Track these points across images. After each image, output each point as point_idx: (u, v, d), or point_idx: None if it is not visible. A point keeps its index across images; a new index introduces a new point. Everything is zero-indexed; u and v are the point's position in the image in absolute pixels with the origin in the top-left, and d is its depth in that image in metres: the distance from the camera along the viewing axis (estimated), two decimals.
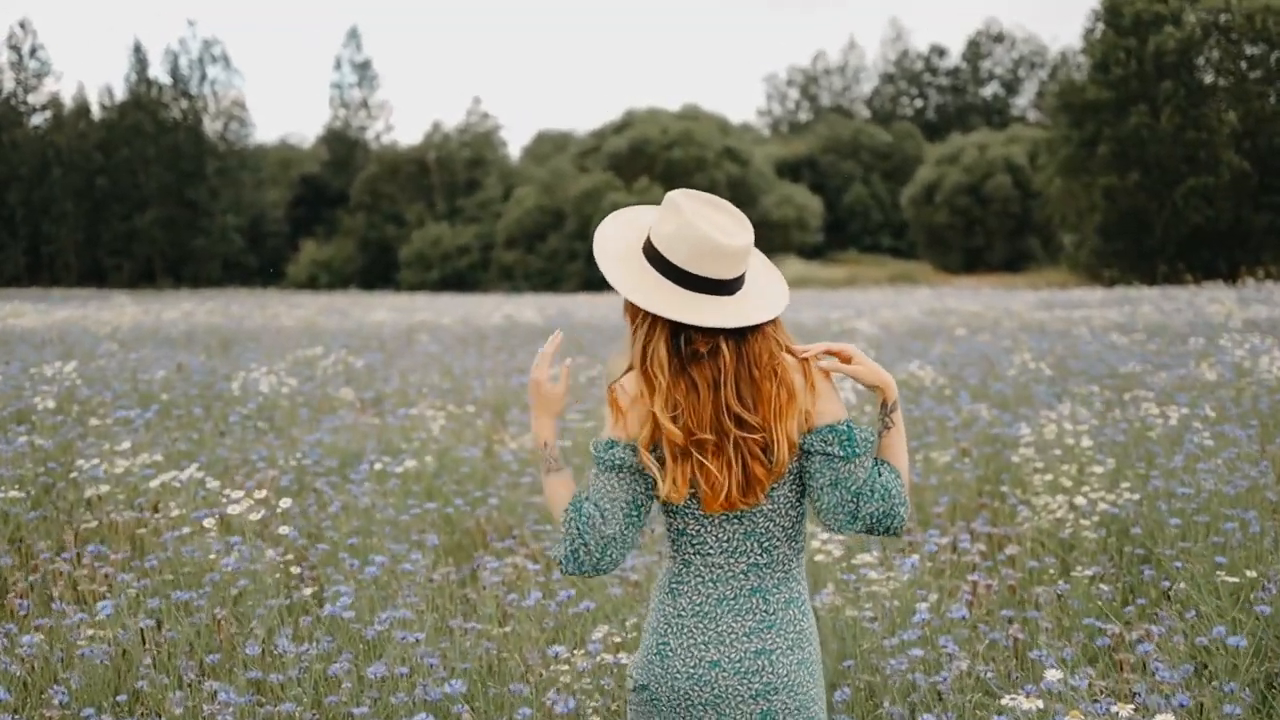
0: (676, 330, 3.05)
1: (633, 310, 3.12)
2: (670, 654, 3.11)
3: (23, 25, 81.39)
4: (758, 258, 3.21)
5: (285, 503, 5.80)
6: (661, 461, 3.05)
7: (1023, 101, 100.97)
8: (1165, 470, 7.77)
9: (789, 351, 3.10)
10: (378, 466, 7.95)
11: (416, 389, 12.99)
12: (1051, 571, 6.44)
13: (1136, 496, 7.31)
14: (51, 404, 9.85)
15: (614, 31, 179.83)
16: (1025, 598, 6.25)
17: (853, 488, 3.04)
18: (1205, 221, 53.77)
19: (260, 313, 28.70)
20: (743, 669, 3.08)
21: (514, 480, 8.68)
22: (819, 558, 5.82)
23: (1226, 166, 53.60)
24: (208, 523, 5.66)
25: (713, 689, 3.08)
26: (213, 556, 5.82)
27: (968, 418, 10.24)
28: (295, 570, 6.18)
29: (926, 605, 5.46)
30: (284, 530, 5.85)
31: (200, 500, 7.10)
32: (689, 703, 3.09)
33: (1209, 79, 56.29)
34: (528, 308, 30.57)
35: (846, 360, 3.13)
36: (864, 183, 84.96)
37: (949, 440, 9.21)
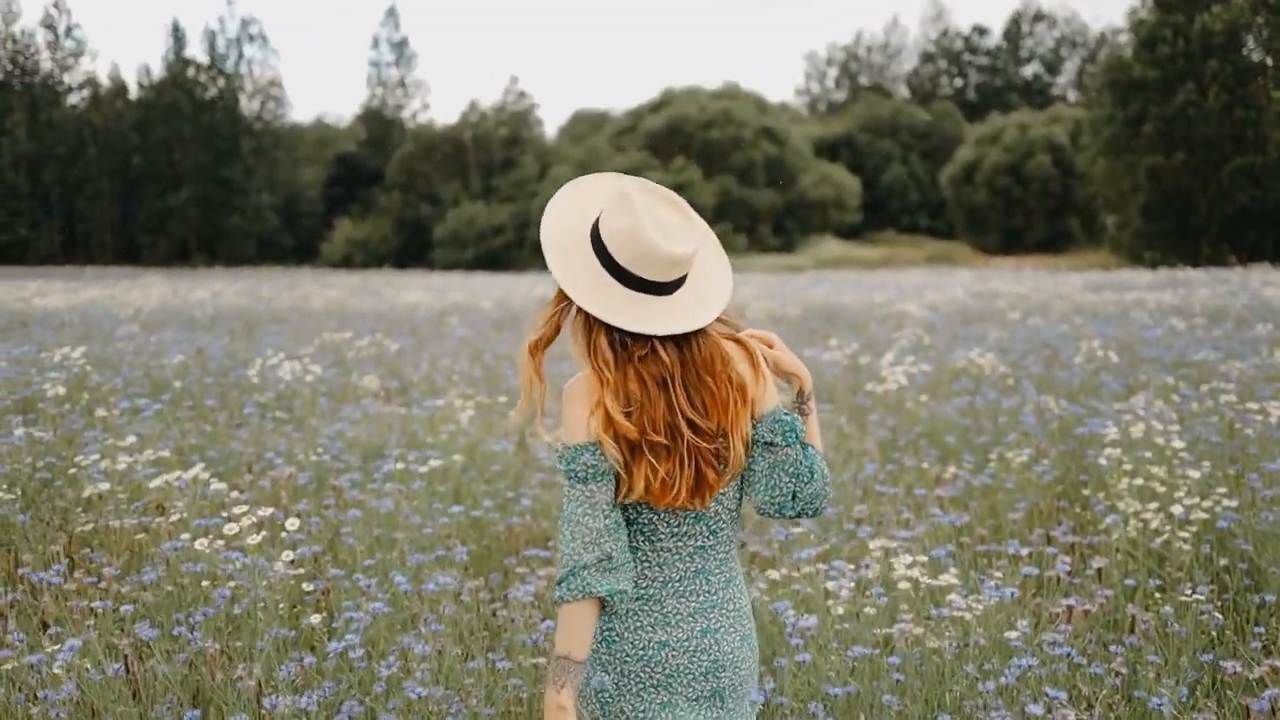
0: (614, 328, 2.97)
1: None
2: (617, 639, 3.07)
3: (58, 5, 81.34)
4: (709, 243, 3.16)
5: (293, 524, 5.11)
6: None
7: (1064, 81, 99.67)
8: (1267, 476, 7.03)
9: (734, 339, 3.09)
10: (400, 466, 7.27)
11: (445, 376, 12.28)
12: (1151, 591, 5.76)
13: (1235, 503, 6.59)
14: (61, 391, 9.25)
15: (652, 9, 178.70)
16: (1120, 619, 5.58)
17: (792, 471, 3.04)
18: (1251, 201, 52.80)
19: (290, 293, 28.06)
20: (690, 648, 3.07)
21: (549, 479, 7.94)
22: (903, 585, 5.13)
23: (1274, 145, 52.59)
24: (199, 543, 5.00)
25: (663, 669, 3.06)
26: (206, 583, 5.16)
27: (1035, 409, 9.52)
28: (307, 588, 5.52)
29: (1017, 635, 4.80)
30: (290, 553, 5.18)
31: (205, 502, 6.47)
32: (640, 685, 3.07)
33: (1257, 57, 55.19)
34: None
35: (770, 346, 3.18)
36: (902, 162, 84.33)
37: (1027, 438, 8.49)
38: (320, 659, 4.59)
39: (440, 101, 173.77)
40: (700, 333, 3.01)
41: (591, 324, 3.00)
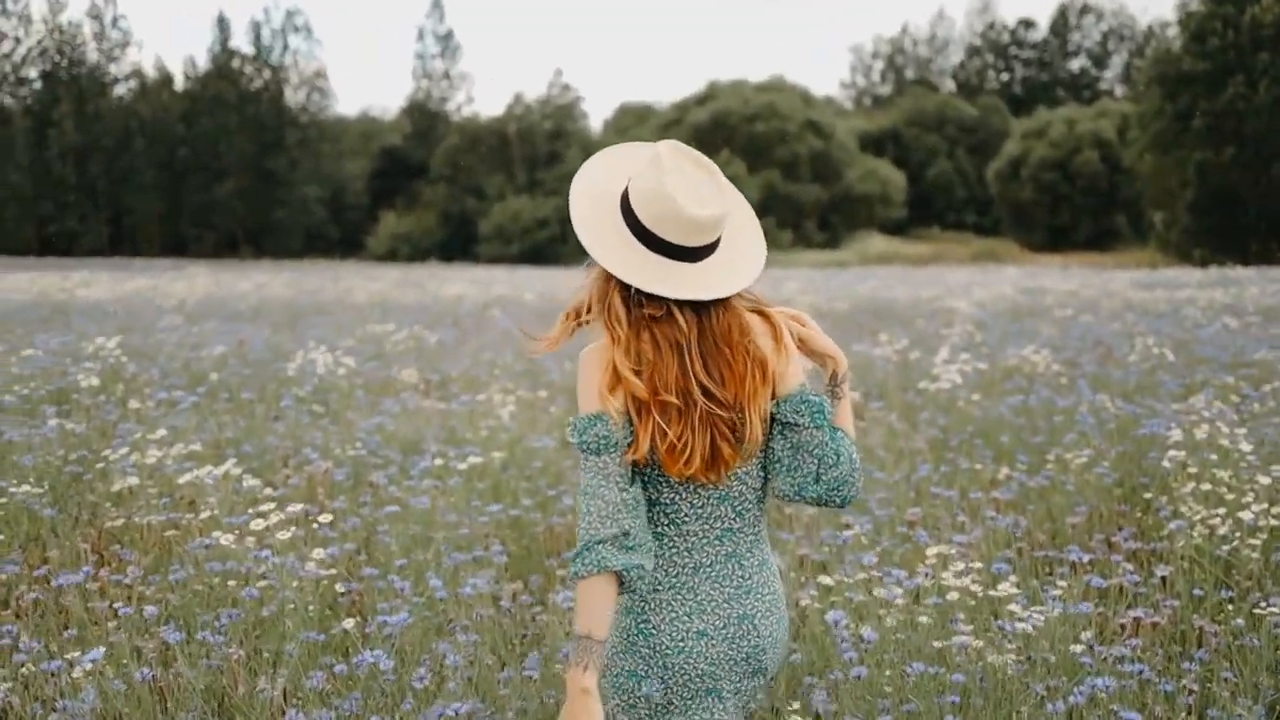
0: (629, 285, 2.91)
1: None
2: (654, 631, 3.00)
3: None
4: (743, 215, 3.08)
5: (325, 518, 4.91)
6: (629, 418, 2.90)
7: (1111, 75, 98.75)
8: None
9: (758, 312, 3.01)
10: (438, 461, 7.06)
11: (487, 370, 12.07)
12: (1221, 602, 5.49)
13: None
14: (95, 382, 9.10)
15: (698, 3, 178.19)
16: (1187, 631, 5.31)
17: (816, 453, 2.97)
18: None
19: (334, 286, 27.97)
20: (729, 635, 3.00)
21: None
22: (951, 595, 4.88)
23: None
24: (226, 540, 4.80)
25: (705, 659, 2.99)
26: (234, 583, 4.97)
27: (1092, 409, 9.24)
28: (340, 589, 5.32)
29: (1083, 649, 4.55)
30: (321, 550, 4.97)
31: (237, 498, 6.29)
32: (684, 676, 2.99)
33: None
34: None
35: (802, 325, 3.11)
36: (948, 157, 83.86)
37: (1085, 439, 8.20)
38: (350, 668, 4.39)
39: (485, 94, 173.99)
40: (722, 302, 2.94)
41: (610, 282, 2.94)
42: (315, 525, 5.50)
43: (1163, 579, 5.80)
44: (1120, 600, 5.48)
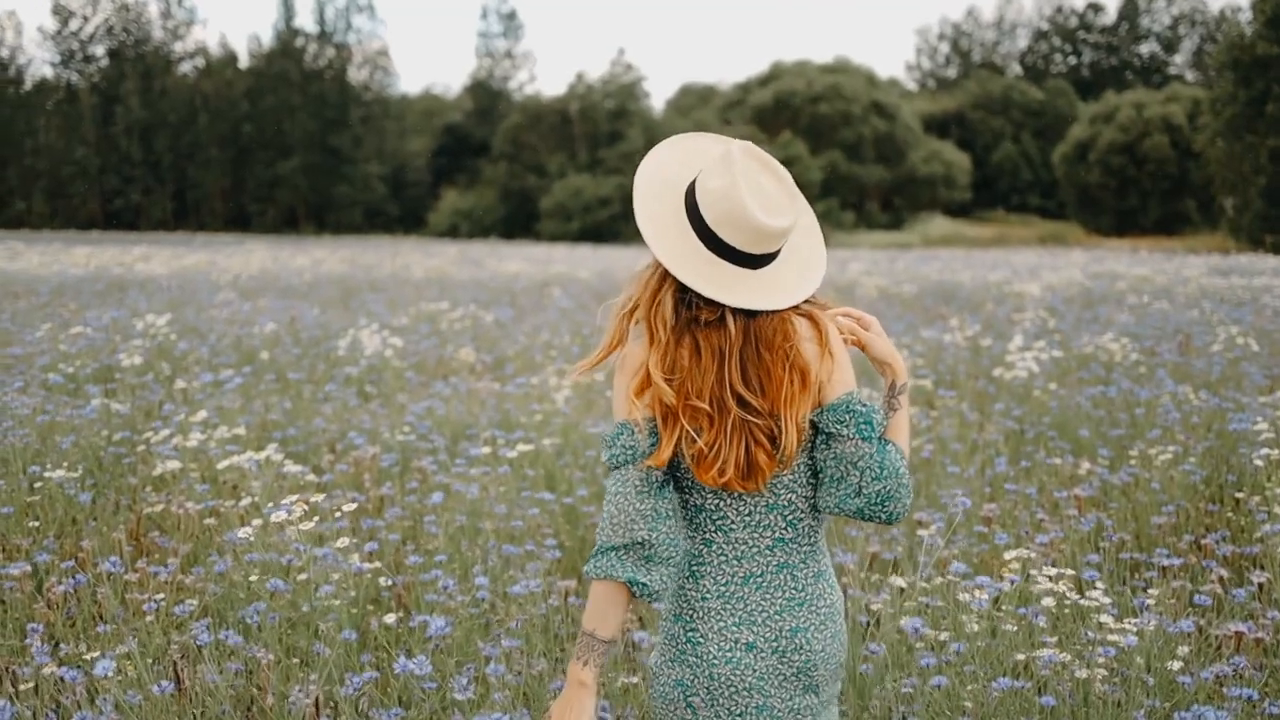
0: (685, 288, 2.81)
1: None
2: (701, 640, 2.90)
3: None
4: (807, 221, 2.98)
5: (348, 507, 4.60)
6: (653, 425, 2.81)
7: (1181, 60, 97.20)
8: None
9: (807, 315, 2.87)
10: (486, 449, 6.73)
11: (543, 350, 11.72)
12: None
13: None
14: (139, 360, 8.85)
15: None
16: None
17: (859, 464, 2.82)
18: None
19: (390, 262, 27.74)
20: (779, 648, 2.90)
21: None
22: (1046, 601, 4.51)
23: None
24: (264, 529, 4.49)
25: (753, 672, 2.89)
26: (267, 578, 4.67)
27: (1174, 400, 8.81)
28: (384, 583, 5.00)
29: (1179, 665, 4.18)
30: (347, 539, 4.66)
31: (282, 483, 6.00)
32: (731, 689, 2.89)
33: None
34: None
35: (865, 328, 3.01)
36: (1014, 140, 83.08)
37: (1170, 434, 7.78)
38: (388, 675, 4.07)
39: (547, 73, 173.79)
40: (772, 313, 2.83)
41: (664, 280, 2.83)
42: (354, 514, 5.20)
43: (1259, 586, 5.41)
44: (1217, 612, 5.09)
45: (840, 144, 71.97)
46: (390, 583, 5.02)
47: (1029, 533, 5.99)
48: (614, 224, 67.30)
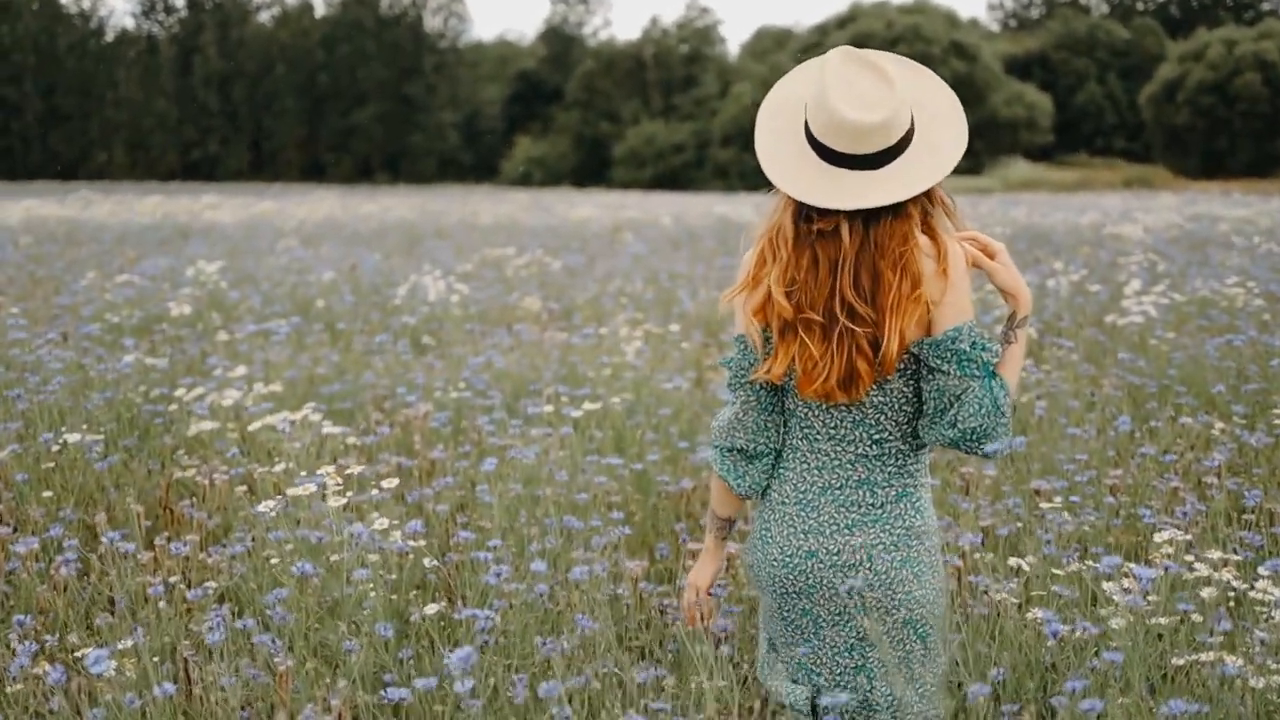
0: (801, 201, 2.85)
1: None
2: (770, 541, 3.03)
3: None
4: (940, 105, 2.93)
5: (390, 484, 3.92)
6: (769, 340, 2.92)
7: None
8: None
9: (928, 231, 2.87)
10: (548, 408, 6.02)
11: (614, 298, 10.97)
12: None
13: None
14: (186, 310, 8.26)
15: None
16: None
17: (961, 398, 2.83)
18: None
19: (460, 208, 27.09)
20: (839, 562, 2.95)
21: None
22: (1206, 591, 3.78)
23: None
24: (296, 500, 3.83)
25: (807, 578, 2.97)
26: (297, 562, 4.02)
27: None
28: (430, 563, 4.34)
29: None
30: (382, 520, 3.99)
31: (319, 450, 5.37)
32: (785, 589, 3.01)
33: None
34: (744, 206, 28.34)
35: (991, 256, 2.97)
36: (1099, 81, 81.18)
37: None
38: (416, 693, 3.40)
39: (622, 18, 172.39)
40: (896, 208, 2.82)
41: (781, 198, 2.91)
42: (400, 482, 4.54)
43: None
44: None
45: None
46: (435, 564, 4.36)
47: (1167, 505, 5.23)
48: (688, 170, 66.49)
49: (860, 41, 71.49)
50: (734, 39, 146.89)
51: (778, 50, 76.85)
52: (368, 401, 7.07)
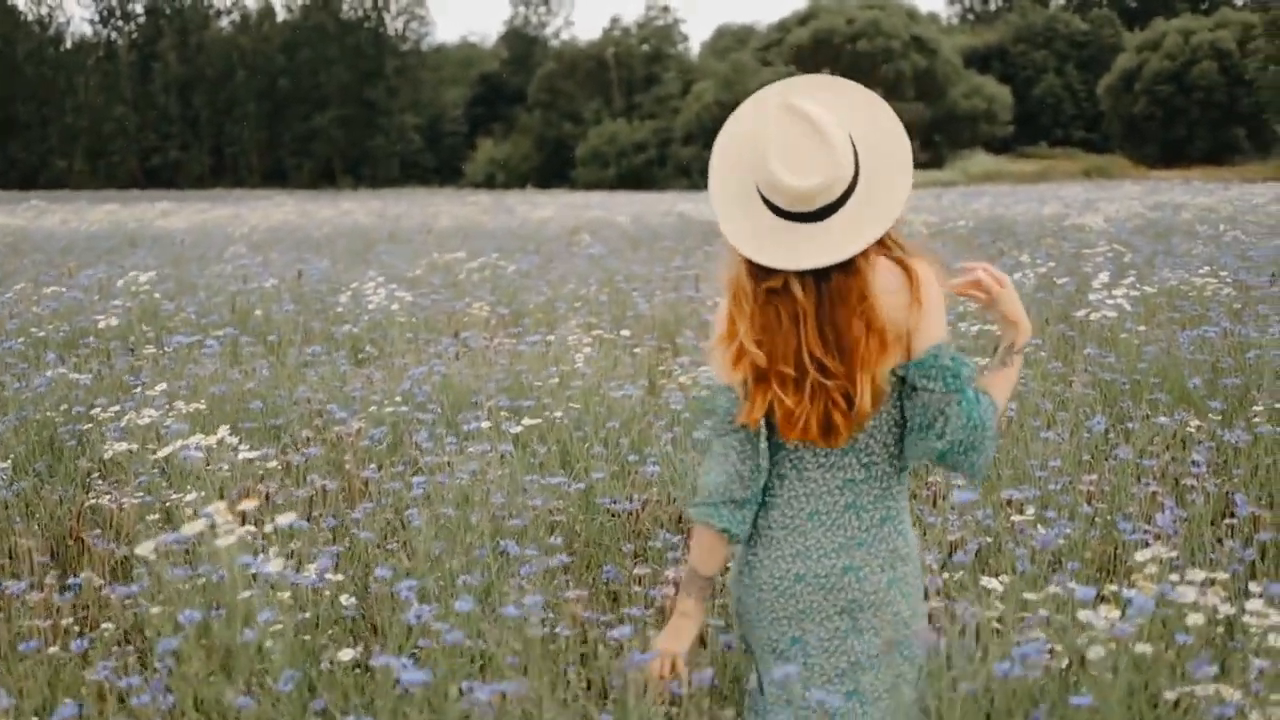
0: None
1: None
2: (758, 566, 3.03)
3: None
4: (889, 143, 2.89)
5: (284, 519, 3.53)
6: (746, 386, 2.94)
7: None
8: None
9: (900, 264, 2.88)
10: (485, 424, 5.63)
11: (567, 302, 10.55)
12: None
13: None
14: (114, 323, 7.85)
15: None
16: None
17: (946, 411, 2.86)
18: None
19: (419, 212, 26.64)
20: (827, 585, 2.96)
21: (685, 433, 6.20)
22: (1193, 619, 3.43)
23: None
24: (200, 532, 3.45)
25: (796, 602, 2.98)
26: (166, 610, 3.63)
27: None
28: (346, 602, 3.97)
29: None
30: (280, 548, 3.62)
31: (235, 474, 4.99)
32: (773, 615, 3.00)
33: None
34: (704, 204, 27.94)
35: (1000, 285, 2.99)
36: (1057, 73, 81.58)
37: None
38: None
39: (583, 19, 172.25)
40: (845, 264, 2.82)
41: (735, 255, 2.92)
42: (330, 505, 4.16)
43: None
44: None
45: (880, 81, 70.61)
46: (354, 601, 3.99)
47: (1145, 512, 4.90)
48: (651, 169, 66.44)
49: (823, 37, 71.29)
50: (695, 37, 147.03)
51: (739, 48, 76.81)
52: (298, 418, 6.64)
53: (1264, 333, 7.90)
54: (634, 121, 70.82)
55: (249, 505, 3.42)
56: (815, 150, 2.76)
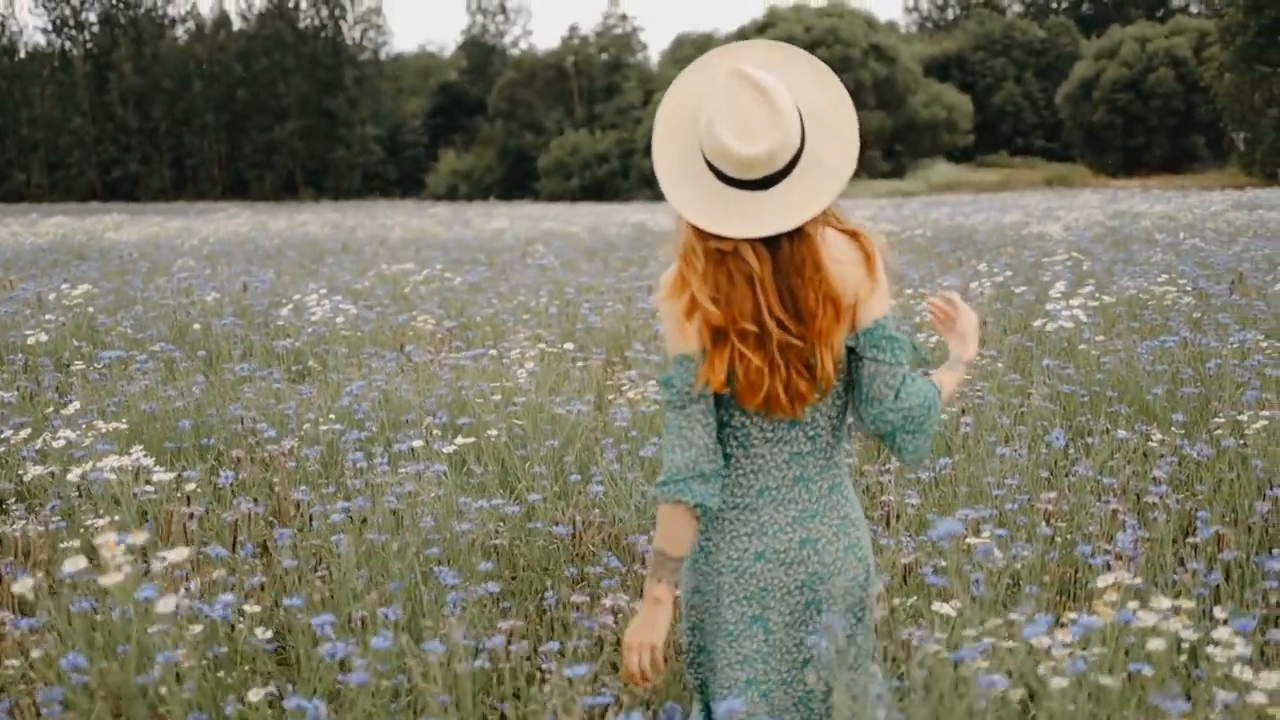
0: None
1: None
2: (714, 550, 2.99)
3: None
4: (837, 114, 2.88)
5: (177, 554, 3.29)
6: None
7: None
8: None
9: (849, 233, 2.91)
10: (418, 444, 5.38)
11: (515, 315, 10.29)
12: None
13: None
14: (44, 338, 7.58)
15: None
16: None
17: (892, 382, 2.88)
18: None
19: (371, 223, 26.32)
20: (787, 559, 2.96)
21: (631, 450, 5.98)
22: (1154, 644, 3.22)
23: None
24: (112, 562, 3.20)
25: (757, 580, 2.96)
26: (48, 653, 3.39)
27: (1238, 351, 7.48)
28: (262, 634, 3.73)
29: None
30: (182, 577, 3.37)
31: (165, 496, 4.74)
32: (733, 597, 2.97)
33: None
34: (661, 214, 27.76)
35: (954, 307, 3.19)
36: (1016, 81, 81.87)
37: (1271, 388, 6.47)
38: None
39: (541, 28, 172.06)
40: (796, 232, 2.80)
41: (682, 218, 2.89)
42: (255, 531, 3.92)
43: None
44: None
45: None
46: (270, 634, 3.75)
47: (1106, 530, 4.71)
48: (614, 180, 66.16)
49: None
50: (654, 46, 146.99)
51: (698, 56, 76.68)
52: (230, 437, 6.37)
53: (1224, 342, 7.75)
54: (596, 132, 70.54)
55: (140, 538, 3.16)
56: (763, 118, 2.74)
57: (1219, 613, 3.57)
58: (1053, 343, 8.22)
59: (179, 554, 3.11)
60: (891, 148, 73.25)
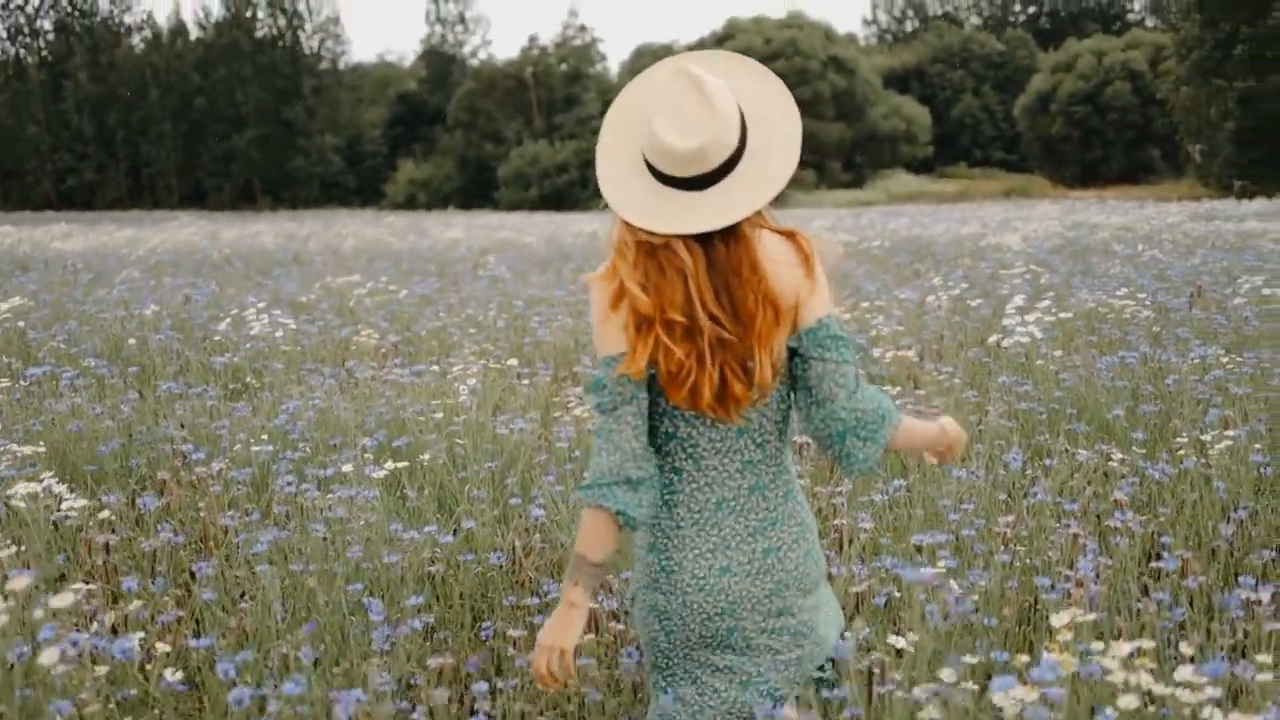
0: None
1: None
2: (676, 568, 2.95)
3: None
4: (781, 121, 2.91)
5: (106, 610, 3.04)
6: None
7: (1140, 5, 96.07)
8: None
9: (785, 234, 2.90)
10: (347, 468, 5.14)
11: (462, 329, 10.04)
12: None
13: None
14: None
15: None
16: None
17: (841, 382, 2.86)
18: None
19: (324, 233, 25.99)
20: (753, 570, 2.95)
21: (575, 471, 5.75)
22: (1125, 701, 3.02)
23: None
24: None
25: (726, 595, 2.94)
26: None
27: (1199, 367, 7.33)
28: (172, 675, 3.50)
29: None
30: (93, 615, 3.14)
31: (82, 523, 4.49)
32: (703, 615, 2.95)
33: None
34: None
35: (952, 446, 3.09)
36: (975, 94, 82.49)
37: (1231, 403, 6.30)
38: None
39: (501, 37, 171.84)
40: (729, 234, 2.79)
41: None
42: (172, 563, 3.68)
43: None
44: None
45: (799, 101, 69.85)
46: (180, 675, 3.52)
47: (1066, 556, 4.52)
48: (573, 190, 66.03)
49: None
50: (614, 57, 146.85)
51: None
52: (156, 459, 6.11)
53: (1184, 357, 7.60)
54: (556, 143, 70.41)
55: (21, 583, 2.93)
56: (700, 112, 2.74)
57: (1185, 648, 3.38)
58: (1010, 358, 8.05)
59: (64, 599, 2.87)
60: (851, 159, 73.47)
